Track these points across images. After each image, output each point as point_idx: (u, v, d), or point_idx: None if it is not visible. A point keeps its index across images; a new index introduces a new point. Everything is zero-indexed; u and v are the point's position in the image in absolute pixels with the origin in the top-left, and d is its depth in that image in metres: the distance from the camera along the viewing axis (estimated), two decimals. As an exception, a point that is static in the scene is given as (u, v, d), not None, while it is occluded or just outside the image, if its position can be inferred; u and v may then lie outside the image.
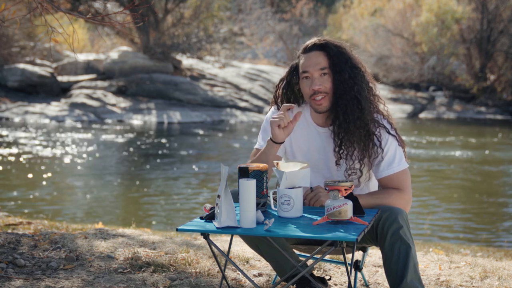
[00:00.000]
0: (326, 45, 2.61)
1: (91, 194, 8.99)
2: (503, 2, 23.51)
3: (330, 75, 2.59)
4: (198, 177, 10.38)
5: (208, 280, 3.14)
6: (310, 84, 2.60)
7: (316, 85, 2.58)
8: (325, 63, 2.59)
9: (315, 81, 2.58)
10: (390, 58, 25.85)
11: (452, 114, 21.47)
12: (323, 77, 2.59)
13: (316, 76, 2.59)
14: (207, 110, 19.26)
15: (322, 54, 2.60)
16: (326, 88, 2.59)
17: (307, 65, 2.60)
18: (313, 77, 2.59)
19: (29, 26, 19.67)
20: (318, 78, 2.59)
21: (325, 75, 2.59)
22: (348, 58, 2.60)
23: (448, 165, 11.85)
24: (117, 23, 3.60)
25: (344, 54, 2.60)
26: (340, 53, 2.60)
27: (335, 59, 2.58)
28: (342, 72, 2.57)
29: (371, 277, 3.33)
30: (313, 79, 2.59)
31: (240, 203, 2.24)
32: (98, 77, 21.13)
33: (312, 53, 2.61)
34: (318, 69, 2.58)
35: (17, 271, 3.17)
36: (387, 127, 2.62)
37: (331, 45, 2.61)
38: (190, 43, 22.55)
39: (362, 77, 2.61)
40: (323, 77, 2.59)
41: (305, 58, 2.63)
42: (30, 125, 16.22)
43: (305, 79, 2.62)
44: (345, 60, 2.59)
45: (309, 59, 2.61)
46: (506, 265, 3.69)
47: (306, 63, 2.61)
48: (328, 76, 2.59)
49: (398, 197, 2.57)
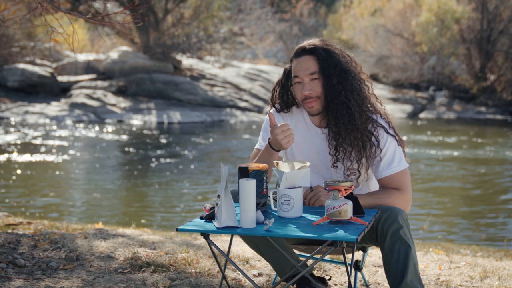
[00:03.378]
0: (316, 50, 2.61)
1: (91, 194, 8.99)
2: (503, 2, 23.50)
3: (320, 79, 2.59)
4: (198, 177, 10.37)
5: (208, 280, 3.14)
6: (301, 89, 2.61)
7: (306, 90, 2.59)
8: (314, 68, 2.59)
9: (305, 86, 2.60)
10: (390, 58, 25.84)
11: (452, 114, 21.47)
12: (313, 82, 2.60)
13: (306, 81, 2.60)
14: (207, 110, 19.26)
15: (312, 58, 2.60)
16: (317, 93, 2.60)
17: (297, 69, 2.62)
18: (304, 82, 2.60)
19: (29, 26, 19.69)
20: (308, 83, 2.60)
21: (315, 80, 2.59)
22: (338, 62, 2.60)
23: (448, 165, 11.85)
24: (117, 23, 3.60)
25: (333, 58, 2.60)
26: (329, 58, 2.60)
27: (324, 63, 2.58)
28: (331, 77, 2.58)
29: (371, 277, 3.33)
30: (304, 84, 2.60)
31: (240, 203, 2.24)
32: (98, 77, 21.13)
33: (303, 57, 2.62)
34: (308, 74, 2.59)
35: (17, 271, 3.17)
36: (385, 127, 2.62)
37: (320, 49, 2.60)
38: (190, 43, 22.55)
39: (352, 80, 2.60)
40: (313, 82, 2.60)
41: (296, 63, 2.64)
42: (30, 125, 16.21)
43: (297, 84, 2.64)
44: (334, 64, 2.59)
45: (299, 64, 2.62)
46: (506, 265, 3.69)
47: (297, 68, 2.63)
48: (318, 80, 2.59)
49: (398, 197, 2.57)
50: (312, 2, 33.76)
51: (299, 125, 2.74)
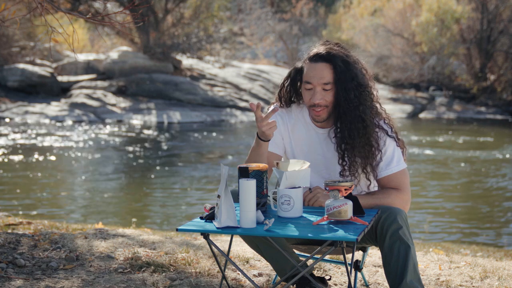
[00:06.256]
0: (334, 58, 2.54)
1: (91, 194, 8.99)
2: (503, 2, 23.48)
3: (333, 90, 2.55)
4: (198, 177, 10.37)
5: (208, 280, 3.14)
6: (311, 96, 2.57)
7: (317, 99, 2.55)
8: (329, 78, 2.53)
9: (316, 95, 2.55)
10: (390, 58, 25.83)
11: (452, 114, 21.46)
12: (325, 92, 2.55)
13: (318, 90, 2.55)
14: (207, 110, 19.25)
15: (328, 67, 2.53)
16: (327, 102, 2.57)
17: (311, 76, 2.55)
18: (316, 90, 2.55)
19: (29, 26, 19.68)
20: (320, 92, 2.55)
21: (328, 90, 2.55)
22: (355, 75, 2.54)
23: (448, 165, 11.85)
24: (117, 23, 3.60)
25: (351, 71, 2.53)
26: (347, 70, 2.53)
27: (341, 75, 2.52)
28: (348, 90, 2.52)
29: (371, 277, 3.33)
30: (315, 92, 2.55)
31: (240, 203, 2.24)
32: (98, 77, 21.12)
33: (318, 64, 2.55)
34: (322, 83, 2.54)
35: (17, 271, 3.17)
36: (387, 130, 2.62)
37: (339, 59, 2.53)
38: (190, 43, 22.54)
39: (368, 95, 2.56)
40: (325, 91, 2.55)
41: (310, 68, 2.57)
42: (30, 125, 16.21)
43: (308, 89, 2.59)
44: (351, 77, 2.53)
45: (314, 70, 2.55)
46: (506, 265, 3.69)
47: (311, 74, 2.56)
48: (331, 90, 2.55)
49: (397, 197, 2.57)
50: (312, 2, 33.73)
51: (299, 124, 2.73)
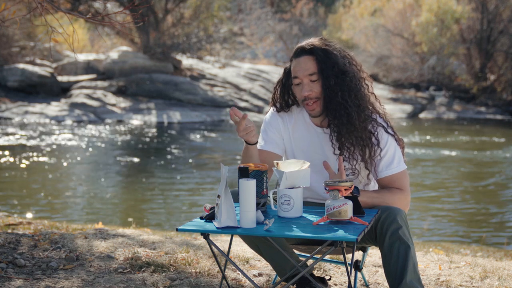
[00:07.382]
0: (314, 50, 2.58)
1: (91, 194, 8.99)
2: (503, 2, 23.49)
3: (320, 80, 2.58)
4: (198, 177, 10.38)
5: (208, 280, 3.14)
6: (301, 90, 2.60)
7: (305, 92, 2.58)
8: (313, 69, 2.57)
9: (304, 87, 2.58)
10: (390, 58, 25.84)
11: (452, 114, 21.47)
12: (312, 83, 2.58)
13: (305, 82, 2.58)
14: (207, 110, 19.25)
15: (311, 59, 2.58)
16: (317, 93, 2.58)
17: (297, 70, 2.61)
18: (303, 83, 2.59)
19: (29, 26, 19.68)
20: (307, 84, 2.58)
21: (315, 81, 2.58)
22: (335, 62, 2.57)
23: (448, 165, 11.85)
24: (117, 23, 3.60)
25: (331, 59, 2.57)
26: (328, 58, 2.57)
27: (323, 64, 2.56)
28: (329, 78, 2.56)
29: (371, 277, 3.33)
30: (303, 85, 2.59)
31: (240, 203, 2.24)
32: (98, 77, 21.12)
33: (302, 58, 2.60)
34: (307, 75, 2.58)
35: (17, 271, 3.17)
36: (384, 126, 2.62)
37: (319, 49, 2.58)
38: (190, 43, 22.54)
39: (350, 81, 2.57)
40: (312, 82, 2.58)
41: (295, 63, 2.62)
42: (30, 125, 16.21)
43: (297, 84, 2.62)
44: (332, 65, 2.56)
45: (298, 65, 2.60)
46: (506, 265, 3.69)
47: (296, 68, 2.61)
48: (318, 81, 2.58)
49: (397, 197, 2.57)
50: (312, 2, 33.75)
51: (299, 124, 2.74)
